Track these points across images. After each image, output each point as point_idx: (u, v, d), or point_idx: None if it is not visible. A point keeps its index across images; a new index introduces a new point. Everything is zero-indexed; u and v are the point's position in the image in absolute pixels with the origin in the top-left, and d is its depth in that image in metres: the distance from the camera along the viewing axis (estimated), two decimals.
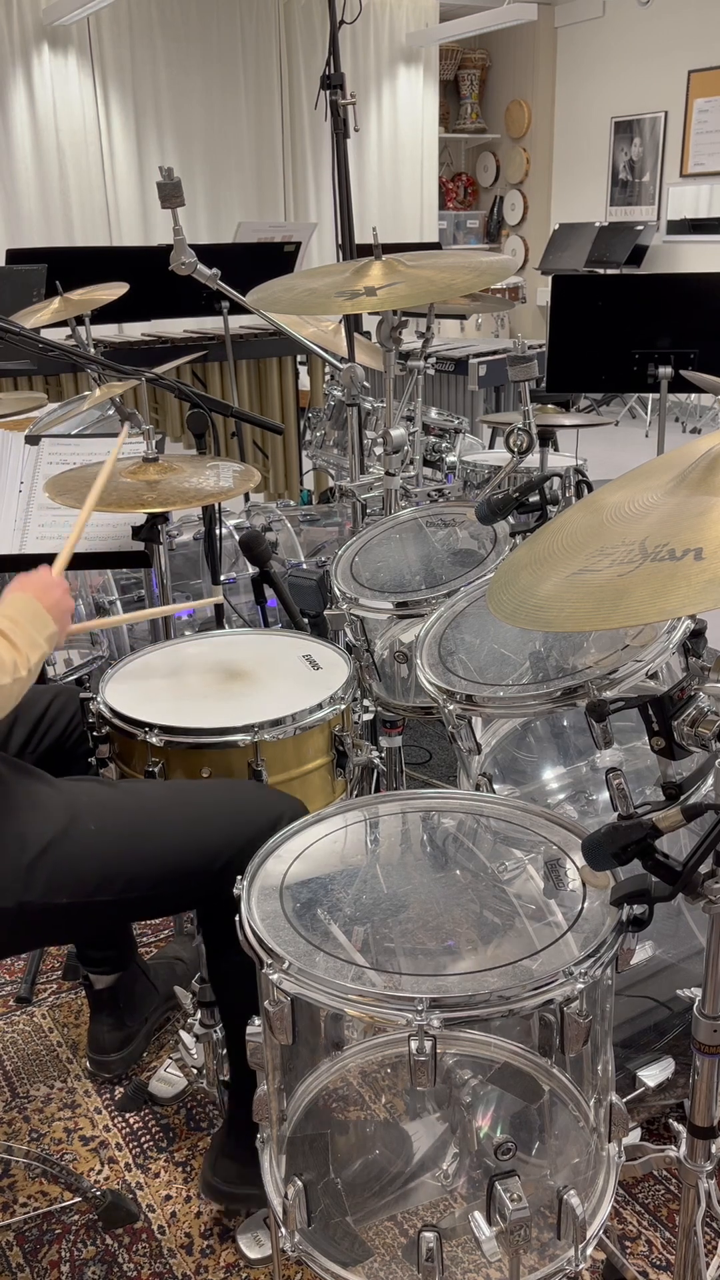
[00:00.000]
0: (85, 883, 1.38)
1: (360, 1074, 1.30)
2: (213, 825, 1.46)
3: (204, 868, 1.43)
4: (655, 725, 1.08)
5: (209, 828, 1.46)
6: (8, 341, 2.03)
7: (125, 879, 1.40)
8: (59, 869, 1.36)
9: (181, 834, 1.46)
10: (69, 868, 1.37)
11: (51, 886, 1.36)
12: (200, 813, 1.49)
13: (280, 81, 7.93)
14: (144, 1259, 1.63)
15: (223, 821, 1.45)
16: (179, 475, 1.86)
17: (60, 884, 1.36)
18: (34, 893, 1.34)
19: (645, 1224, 1.66)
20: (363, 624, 1.96)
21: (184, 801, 1.51)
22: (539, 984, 1.05)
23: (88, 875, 1.38)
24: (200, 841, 1.44)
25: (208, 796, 1.53)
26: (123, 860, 1.41)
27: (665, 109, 8.11)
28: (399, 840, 1.37)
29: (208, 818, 1.47)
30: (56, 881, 1.36)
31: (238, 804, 1.49)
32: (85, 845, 1.39)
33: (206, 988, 1.73)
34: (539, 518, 2.03)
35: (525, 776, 1.71)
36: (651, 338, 2.99)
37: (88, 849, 1.39)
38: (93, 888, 1.38)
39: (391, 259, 2.01)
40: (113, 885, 1.39)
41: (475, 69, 9.38)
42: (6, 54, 6.88)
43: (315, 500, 4.85)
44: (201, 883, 1.44)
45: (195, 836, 1.45)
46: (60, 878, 1.36)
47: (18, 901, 1.34)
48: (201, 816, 1.48)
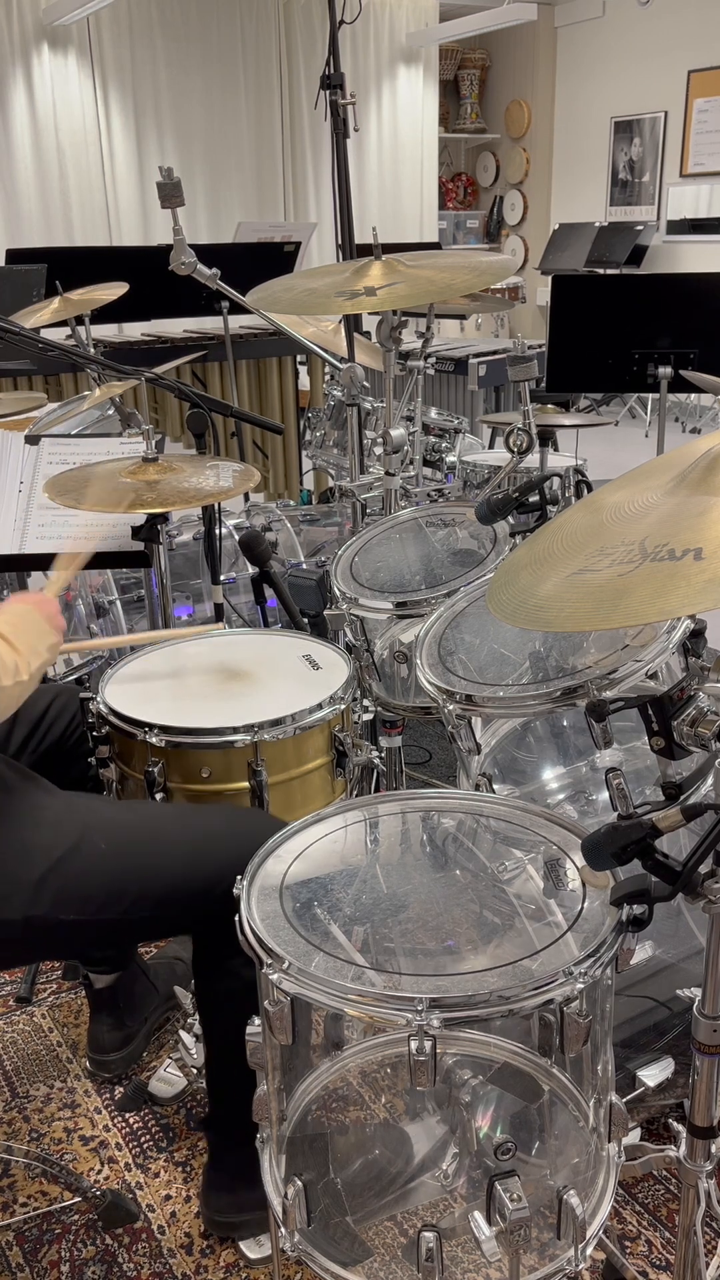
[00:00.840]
0: (92, 900, 1.39)
1: (360, 1074, 1.30)
2: (218, 850, 1.46)
3: (206, 891, 1.43)
4: (655, 725, 1.08)
5: (214, 852, 1.46)
6: (8, 341, 2.03)
7: (131, 898, 1.41)
8: (68, 885, 1.37)
9: (189, 856, 1.47)
10: (77, 884, 1.38)
11: (59, 902, 1.36)
12: (206, 836, 1.49)
13: (280, 81, 7.93)
14: (144, 1259, 1.63)
15: (228, 846, 1.45)
16: (179, 475, 1.86)
17: (68, 900, 1.37)
18: (41, 907, 1.35)
19: (645, 1224, 1.66)
20: (363, 624, 1.96)
21: (191, 825, 1.52)
22: (539, 984, 1.05)
23: (95, 893, 1.39)
24: (206, 864, 1.45)
25: (214, 821, 1.53)
26: (130, 880, 1.41)
27: (665, 109, 8.11)
28: (399, 840, 1.37)
29: (213, 842, 1.48)
30: (64, 897, 1.37)
31: (242, 830, 1.49)
32: (95, 863, 1.40)
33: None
34: (539, 518, 2.03)
35: (525, 776, 1.71)
36: (651, 338, 2.99)
37: (97, 867, 1.40)
38: (98, 905, 1.39)
39: (391, 259, 2.01)
40: (118, 904, 1.40)
41: (475, 69, 9.38)
42: (6, 54, 6.88)
43: (315, 500, 4.85)
44: (202, 906, 1.45)
45: (200, 861, 1.46)
46: (68, 894, 1.37)
47: (24, 915, 1.34)
48: (207, 840, 1.49)
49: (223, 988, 1.51)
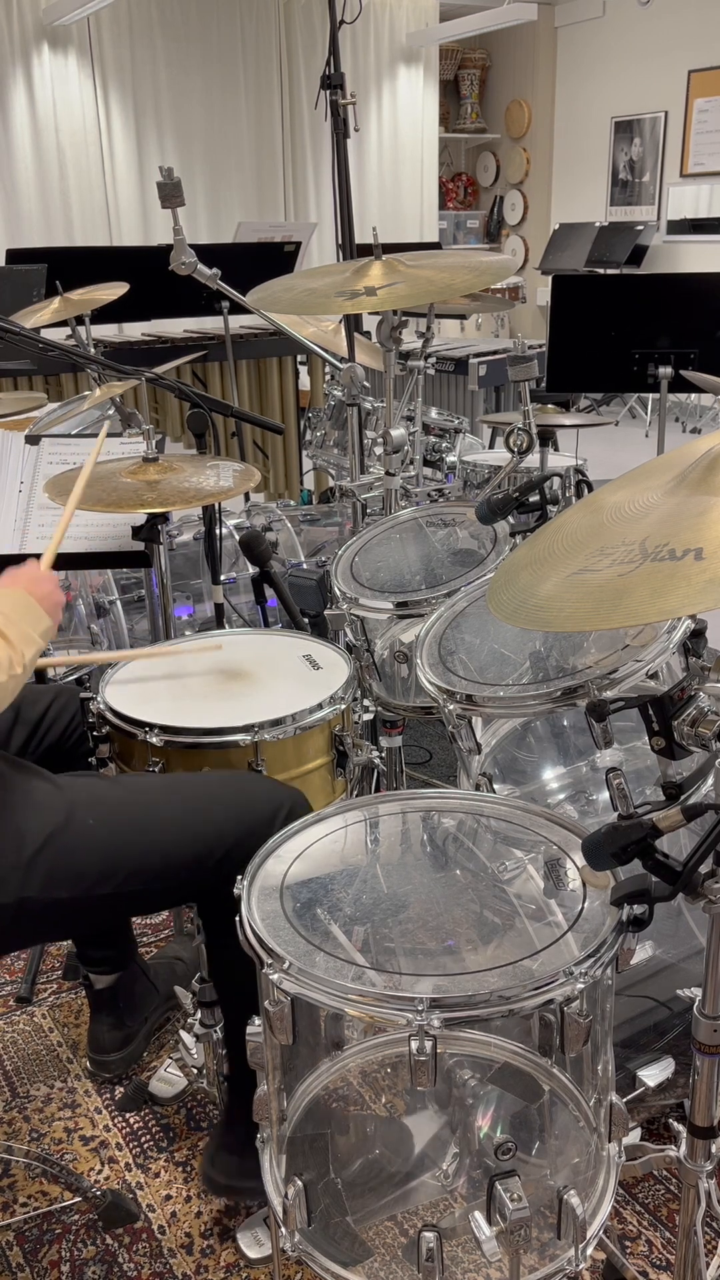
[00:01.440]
0: (84, 876, 1.38)
1: (360, 1074, 1.30)
2: (212, 816, 1.45)
3: (203, 859, 1.43)
4: (655, 725, 1.08)
5: (208, 818, 1.45)
6: (8, 341, 2.03)
7: (124, 872, 1.40)
8: (58, 863, 1.36)
9: (180, 825, 1.46)
10: (68, 862, 1.37)
11: (51, 881, 1.35)
12: (199, 804, 1.48)
13: (280, 81, 7.93)
14: (144, 1259, 1.63)
15: (221, 812, 1.45)
16: (179, 475, 1.86)
17: (60, 878, 1.36)
18: (33, 888, 1.34)
19: (645, 1224, 1.66)
20: (363, 624, 1.96)
21: (183, 794, 1.51)
22: (539, 984, 1.05)
23: (87, 869, 1.38)
24: (199, 832, 1.44)
25: (207, 788, 1.53)
26: (121, 853, 1.41)
27: (665, 109, 8.11)
28: (399, 840, 1.37)
29: (207, 809, 1.47)
30: (56, 876, 1.36)
31: (237, 795, 1.49)
32: (84, 839, 1.39)
33: (207, 987, 1.73)
34: (539, 518, 2.03)
35: (525, 776, 1.71)
36: (651, 338, 2.99)
37: (86, 842, 1.39)
38: (92, 881, 1.38)
39: (391, 259, 2.01)
40: (112, 878, 1.39)
41: (475, 69, 9.38)
42: (6, 54, 6.88)
43: (315, 500, 4.85)
44: (201, 874, 1.44)
45: (194, 828, 1.45)
46: (59, 872, 1.36)
47: (17, 897, 1.34)
48: (200, 808, 1.48)
49: (231, 954, 1.50)
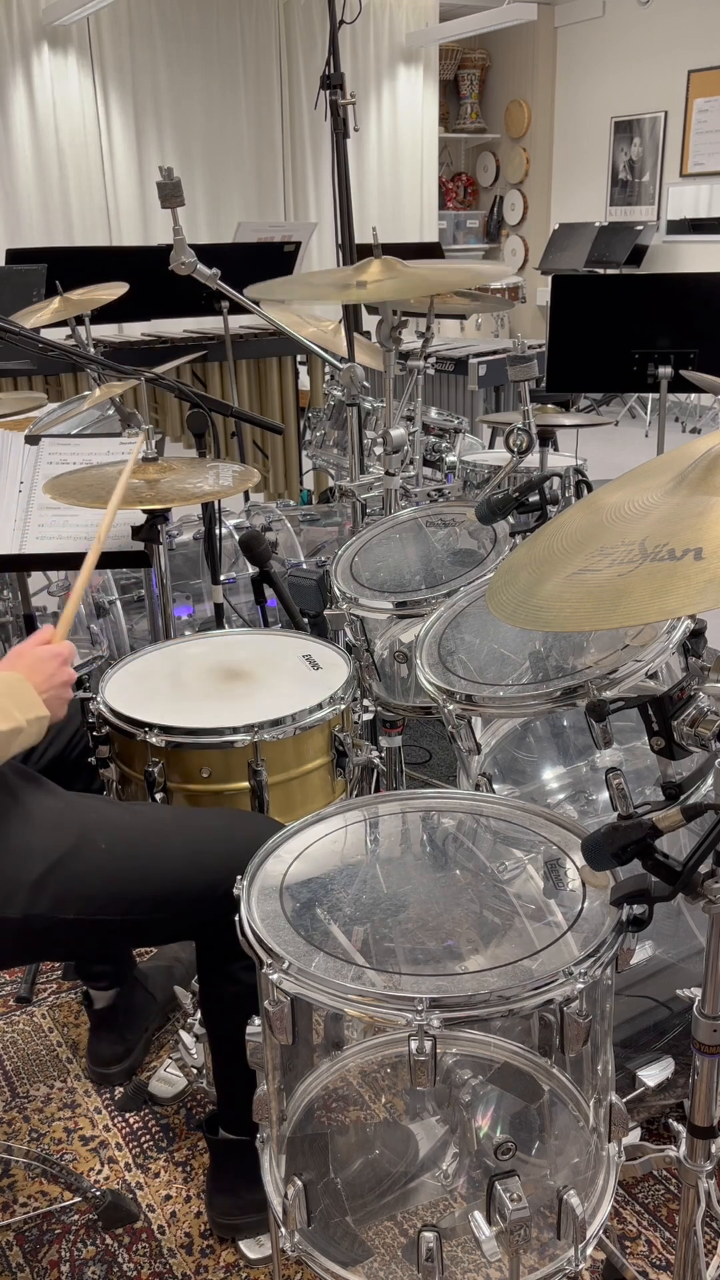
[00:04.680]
0: (92, 900, 1.39)
1: (360, 1074, 1.30)
2: (218, 854, 1.46)
3: (205, 895, 1.43)
4: (655, 725, 1.09)
5: (214, 856, 1.46)
6: (8, 341, 2.03)
7: (130, 900, 1.41)
8: (68, 885, 1.37)
9: (188, 861, 1.46)
10: (77, 884, 1.38)
11: (58, 901, 1.36)
12: (206, 840, 1.49)
13: (280, 81, 7.93)
14: (144, 1259, 1.63)
15: (227, 850, 1.45)
16: (179, 475, 1.86)
17: (68, 900, 1.37)
18: (41, 906, 1.35)
19: (645, 1224, 1.66)
20: (363, 624, 1.96)
21: (192, 827, 1.52)
22: (539, 984, 1.05)
23: (95, 893, 1.39)
24: (205, 870, 1.45)
25: (215, 824, 1.53)
26: (129, 881, 1.41)
27: (665, 109, 8.11)
28: (399, 840, 1.37)
29: (213, 846, 1.48)
30: (64, 897, 1.37)
31: (243, 834, 1.48)
32: (95, 863, 1.40)
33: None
34: (539, 518, 2.03)
35: (525, 776, 1.71)
36: (651, 337, 2.99)
37: (97, 867, 1.40)
38: (98, 906, 1.39)
39: (390, 260, 2.02)
40: (118, 905, 1.40)
41: (475, 69, 9.38)
42: (6, 54, 6.88)
43: (315, 500, 4.85)
44: (201, 909, 1.44)
45: (200, 863, 1.46)
46: (68, 893, 1.37)
47: (24, 914, 1.34)
48: (207, 844, 1.49)
49: (225, 992, 1.51)
